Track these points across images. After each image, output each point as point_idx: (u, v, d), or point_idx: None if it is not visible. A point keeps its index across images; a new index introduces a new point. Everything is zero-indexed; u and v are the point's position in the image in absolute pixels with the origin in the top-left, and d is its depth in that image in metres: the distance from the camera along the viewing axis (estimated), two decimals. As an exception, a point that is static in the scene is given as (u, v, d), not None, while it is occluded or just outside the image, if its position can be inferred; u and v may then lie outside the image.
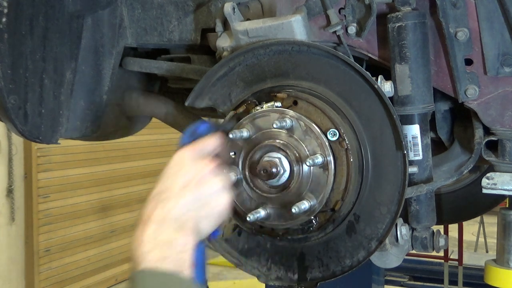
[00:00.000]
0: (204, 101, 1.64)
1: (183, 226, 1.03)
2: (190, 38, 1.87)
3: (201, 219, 1.06)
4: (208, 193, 1.08)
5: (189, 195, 1.06)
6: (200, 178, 1.08)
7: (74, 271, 6.48)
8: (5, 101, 1.63)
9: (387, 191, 1.44)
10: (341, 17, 1.60)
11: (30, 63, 1.69)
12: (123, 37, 1.95)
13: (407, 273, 5.95)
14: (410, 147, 1.52)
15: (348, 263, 1.49)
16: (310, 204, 1.41)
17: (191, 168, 1.10)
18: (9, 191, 5.86)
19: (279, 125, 1.42)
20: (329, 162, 1.41)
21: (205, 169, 1.10)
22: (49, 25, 1.73)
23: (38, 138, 1.77)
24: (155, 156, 7.72)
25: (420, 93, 1.51)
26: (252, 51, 1.54)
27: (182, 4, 1.87)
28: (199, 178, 1.08)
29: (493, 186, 1.54)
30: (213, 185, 1.09)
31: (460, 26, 1.48)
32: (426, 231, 1.59)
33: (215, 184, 1.09)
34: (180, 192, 1.06)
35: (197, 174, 1.09)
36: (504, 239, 1.90)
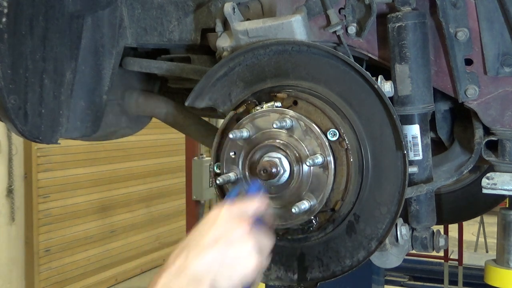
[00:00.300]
0: (204, 101, 1.64)
1: (199, 280, 1.02)
2: (190, 38, 1.87)
3: (221, 279, 1.03)
4: (235, 254, 1.05)
5: (214, 252, 1.04)
6: (231, 237, 1.06)
7: (74, 271, 6.48)
8: (5, 101, 1.63)
9: (387, 191, 1.44)
10: (341, 17, 1.60)
11: (30, 63, 1.69)
12: (123, 37, 1.95)
13: (407, 273, 5.95)
14: (410, 147, 1.52)
15: (348, 263, 1.49)
16: (310, 204, 1.41)
17: (224, 225, 1.08)
18: (9, 191, 5.86)
19: (279, 125, 1.42)
20: (329, 162, 1.41)
21: (239, 229, 1.07)
22: (49, 25, 1.73)
23: (38, 138, 1.77)
24: (155, 156, 7.72)
25: (420, 93, 1.51)
26: (252, 51, 1.54)
27: (182, 4, 1.87)
28: (230, 237, 1.06)
29: (493, 186, 1.54)
30: (242, 247, 1.06)
31: (460, 26, 1.48)
32: (426, 231, 1.59)
33: (245, 246, 1.06)
34: (207, 247, 1.04)
35: (229, 233, 1.06)
36: (504, 239, 1.90)
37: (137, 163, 7.42)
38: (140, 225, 7.53)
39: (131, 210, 7.30)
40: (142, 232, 7.67)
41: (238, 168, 1.50)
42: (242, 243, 1.05)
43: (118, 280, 7.18)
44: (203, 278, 1.01)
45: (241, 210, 1.12)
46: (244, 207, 1.14)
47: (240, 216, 1.10)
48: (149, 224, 7.82)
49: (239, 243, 1.05)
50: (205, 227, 1.09)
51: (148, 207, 7.74)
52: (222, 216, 1.09)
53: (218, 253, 1.04)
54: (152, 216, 7.86)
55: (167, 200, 8.14)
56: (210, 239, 1.05)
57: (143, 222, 7.60)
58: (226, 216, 1.09)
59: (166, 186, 7.99)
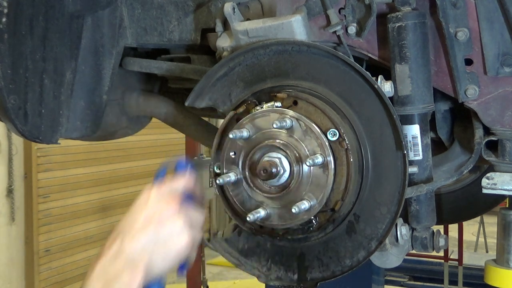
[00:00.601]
0: (204, 101, 1.64)
1: (135, 263, 1.05)
2: (190, 38, 1.87)
3: (156, 258, 1.07)
4: (167, 233, 1.08)
5: (147, 234, 1.07)
6: (161, 217, 1.09)
7: (74, 271, 6.48)
8: (5, 101, 1.63)
9: (387, 191, 1.44)
10: (341, 17, 1.60)
11: (30, 63, 1.69)
12: (123, 37, 1.95)
13: (407, 273, 5.96)
14: (410, 147, 1.52)
15: (348, 263, 1.49)
16: (310, 204, 1.41)
17: (155, 206, 1.11)
18: (9, 191, 5.87)
19: (279, 125, 1.42)
20: (329, 162, 1.41)
21: (168, 208, 1.11)
22: (49, 25, 1.73)
23: (38, 138, 1.77)
24: (155, 156, 7.72)
25: (420, 93, 1.51)
26: (252, 51, 1.54)
27: (182, 4, 1.87)
28: (160, 217, 1.09)
29: (493, 186, 1.54)
30: (173, 225, 1.09)
31: (460, 26, 1.48)
32: (426, 231, 1.59)
33: (175, 224, 1.09)
34: (139, 229, 1.08)
35: (160, 212, 1.10)
36: (504, 239, 1.90)
37: (137, 163, 7.42)
38: (140, 225, 7.52)
39: (131, 210, 7.30)
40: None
41: (238, 168, 1.50)
42: (173, 222, 1.09)
43: (118, 280, 7.18)
44: (139, 260, 1.05)
45: (170, 189, 1.16)
46: (172, 185, 1.18)
47: (169, 195, 1.13)
48: (149, 224, 7.80)
49: (170, 221, 1.09)
50: (137, 209, 1.12)
51: (148, 207, 7.72)
52: (152, 197, 1.13)
53: (151, 234, 1.07)
54: (152, 216, 7.84)
55: (167, 200, 8.12)
56: (142, 221, 1.09)
57: (143, 222, 7.59)
58: (155, 196, 1.13)
59: (166, 186, 7.98)
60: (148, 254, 1.06)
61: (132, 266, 1.04)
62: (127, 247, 1.06)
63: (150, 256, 1.06)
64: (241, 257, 1.63)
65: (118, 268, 1.04)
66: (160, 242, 1.08)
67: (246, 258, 1.62)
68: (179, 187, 1.18)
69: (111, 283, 1.03)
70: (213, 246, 1.66)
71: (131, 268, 1.04)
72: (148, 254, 1.06)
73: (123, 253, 1.06)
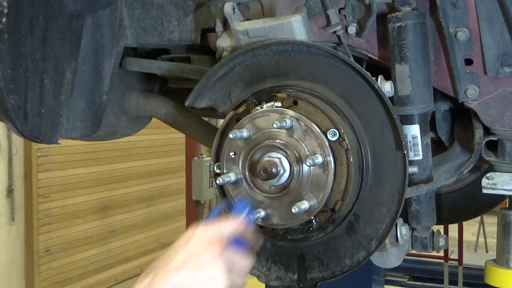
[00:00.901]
0: (204, 101, 1.64)
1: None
2: (190, 38, 1.87)
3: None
4: (204, 276, 1.04)
5: (181, 275, 1.03)
6: (199, 260, 1.05)
7: (74, 271, 6.48)
8: (5, 101, 1.63)
9: (387, 191, 1.44)
10: (341, 17, 1.60)
11: (30, 63, 1.69)
12: (123, 37, 1.95)
13: (407, 273, 5.96)
14: (410, 147, 1.52)
15: (348, 263, 1.49)
16: (310, 204, 1.41)
17: (195, 247, 1.07)
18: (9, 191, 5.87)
19: (279, 125, 1.42)
20: (329, 162, 1.41)
21: (209, 251, 1.06)
22: (49, 25, 1.73)
23: (38, 138, 1.77)
24: (155, 156, 7.72)
25: (420, 93, 1.51)
26: (252, 51, 1.54)
27: (182, 4, 1.87)
28: (198, 259, 1.05)
29: (493, 186, 1.54)
30: (211, 269, 1.04)
31: (460, 26, 1.48)
32: (426, 231, 1.59)
33: (214, 269, 1.04)
34: (174, 269, 1.04)
35: (199, 255, 1.05)
36: (504, 239, 1.90)
37: (137, 163, 7.42)
38: (140, 225, 7.53)
39: (131, 210, 7.31)
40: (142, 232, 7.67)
41: (238, 168, 1.50)
42: (211, 267, 1.04)
43: (118, 280, 7.18)
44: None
45: (216, 231, 1.11)
46: (219, 228, 1.12)
47: (214, 238, 1.08)
48: (149, 224, 7.82)
49: (207, 266, 1.04)
50: (176, 247, 1.08)
51: (148, 207, 7.74)
52: (195, 237, 1.08)
53: (185, 276, 1.03)
54: (152, 216, 7.86)
55: (167, 200, 8.14)
56: (179, 261, 1.05)
57: (143, 222, 7.60)
58: (199, 237, 1.08)
59: (166, 186, 7.99)
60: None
61: None
62: (156, 285, 1.02)
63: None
64: (241, 257, 1.63)
65: None
66: (193, 285, 1.03)
67: (246, 258, 1.62)
68: (227, 230, 1.13)
69: None
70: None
71: None
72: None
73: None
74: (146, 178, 7.58)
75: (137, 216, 7.48)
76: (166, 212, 8.18)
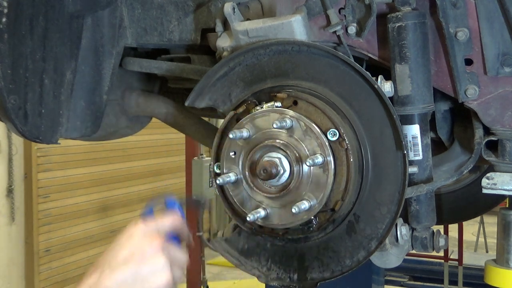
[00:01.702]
0: (204, 101, 1.64)
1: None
2: (190, 38, 1.87)
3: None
4: (147, 271, 1.07)
5: (126, 270, 1.06)
6: (143, 255, 1.08)
7: (74, 271, 6.48)
8: (5, 101, 1.63)
9: (387, 191, 1.44)
10: (341, 17, 1.60)
11: (30, 63, 1.69)
12: (123, 37, 1.95)
13: (407, 273, 5.96)
14: (410, 147, 1.52)
15: (348, 263, 1.49)
16: (310, 204, 1.41)
17: (137, 242, 1.10)
18: (9, 191, 5.87)
19: (279, 125, 1.42)
20: (329, 162, 1.41)
21: (151, 246, 1.10)
22: (49, 25, 1.73)
23: (38, 138, 1.78)
24: (155, 156, 7.72)
25: (420, 93, 1.51)
26: (252, 51, 1.54)
27: (182, 4, 1.87)
28: (142, 254, 1.08)
29: (493, 186, 1.54)
30: (154, 263, 1.08)
31: (460, 26, 1.48)
32: (426, 231, 1.59)
33: (157, 262, 1.08)
34: (119, 265, 1.07)
35: (142, 249, 1.09)
36: (504, 239, 1.90)
37: (137, 163, 7.42)
38: (140, 225, 7.52)
39: (131, 210, 7.30)
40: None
41: (238, 168, 1.50)
42: (154, 260, 1.08)
43: (118, 280, 7.18)
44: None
45: (156, 227, 1.15)
46: (158, 223, 1.17)
47: (154, 233, 1.13)
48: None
49: (151, 259, 1.08)
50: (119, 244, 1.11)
51: (148, 207, 7.72)
52: (136, 233, 1.12)
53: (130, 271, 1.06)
54: (152, 216, 7.84)
55: (167, 200, 8.12)
56: (123, 257, 1.08)
57: (143, 222, 7.59)
58: (139, 233, 1.12)
59: (166, 186, 7.99)
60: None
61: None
62: (104, 281, 1.05)
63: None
64: (241, 257, 1.63)
65: None
66: (139, 279, 1.06)
67: (246, 258, 1.62)
68: (166, 226, 1.17)
69: None
70: (213, 246, 1.65)
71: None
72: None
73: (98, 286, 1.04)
74: (146, 178, 7.58)
75: (137, 216, 7.46)
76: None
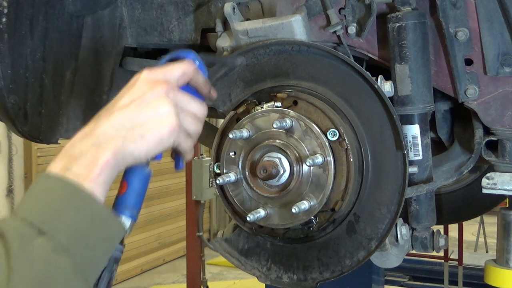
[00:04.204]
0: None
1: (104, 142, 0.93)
2: (190, 38, 1.87)
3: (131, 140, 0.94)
4: (150, 115, 0.96)
5: (124, 113, 0.96)
6: (145, 99, 0.97)
7: (74, 271, 6.46)
8: (5, 101, 1.63)
9: (387, 191, 1.44)
10: (341, 17, 1.60)
11: (30, 63, 1.69)
12: (123, 37, 1.95)
13: (407, 273, 5.96)
14: (410, 147, 1.52)
15: (348, 263, 1.49)
16: (310, 204, 1.41)
17: (141, 87, 0.99)
18: (9, 191, 5.87)
19: (279, 125, 1.42)
20: (329, 162, 1.41)
21: (156, 90, 0.98)
22: (49, 25, 1.73)
23: (38, 138, 1.78)
24: (155, 156, 7.70)
25: (420, 93, 1.51)
26: (252, 51, 1.55)
27: (182, 4, 1.87)
28: (145, 98, 0.97)
29: (493, 186, 1.54)
30: (158, 107, 0.97)
31: (460, 26, 1.48)
32: (426, 231, 1.59)
33: (161, 106, 0.97)
34: (117, 109, 0.97)
35: (145, 94, 0.97)
36: (504, 239, 1.90)
37: (137, 163, 7.40)
38: (140, 225, 7.53)
39: (131, 210, 7.29)
40: (142, 232, 7.66)
41: (238, 168, 1.50)
42: (157, 103, 0.97)
43: (118, 280, 7.18)
44: (109, 139, 0.93)
45: (164, 74, 1.03)
46: (166, 70, 1.04)
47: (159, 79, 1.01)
48: (149, 224, 7.82)
49: (154, 103, 0.97)
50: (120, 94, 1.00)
51: (148, 207, 7.74)
52: (140, 80, 1.00)
53: (129, 114, 0.96)
54: (152, 216, 7.85)
55: (167, 200, 8.14)
56: (123, 102, 0.98)
57: (143, 222, 7.60)
58: (145, 78, 1.01)
59: (166, 186, 7.99)
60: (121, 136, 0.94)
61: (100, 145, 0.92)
62: (100, 127, 0.95)
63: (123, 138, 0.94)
64: (241, 257, 1.63)
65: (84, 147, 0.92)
66: (137, 124, 0.95)
67: (246, 258, 1.62)
68: (175, 73, 1.04)
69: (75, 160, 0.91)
70: (213, 246, 1.66)
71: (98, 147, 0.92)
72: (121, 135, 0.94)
73: (94, 133, 0.94)
74: (146, 178, 7.57)
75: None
76: (166, 212, 8.17)
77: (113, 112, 0.97)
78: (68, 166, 0.91)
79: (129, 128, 0.95)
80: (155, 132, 0.96)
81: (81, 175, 0.90)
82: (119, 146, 0.94)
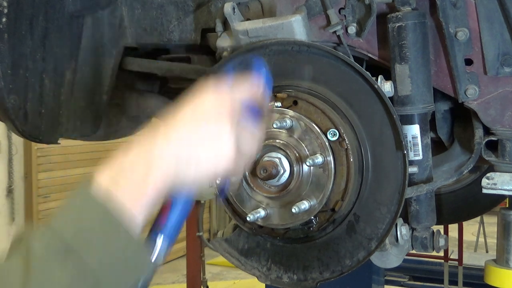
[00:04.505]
0: (204, 101, 1.63)
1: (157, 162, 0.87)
2: (190, 38, 1.87)
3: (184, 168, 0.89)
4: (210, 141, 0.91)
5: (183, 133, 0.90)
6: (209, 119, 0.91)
7: (74, 271, 6.47)
8: (5, 101, 1.63)
9: (387, 191, 1.44)
10: (341, 17, 1.60)
11: (30, 63, 1.69)
12: (123, 37, 1.95)
13: (407, 273, 5.95)
14: (410, 147, 1.52)
15: (348, 263, 1.49)
16: (310, 204, 1.41)
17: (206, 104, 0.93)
18: (9, 191, 5.87)
19: (279, 125, 1.42)
20: (329, 162, 1.41)
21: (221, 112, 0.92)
22: (49, 25, 1.73)
23: (38, 138, 1.78)
24: (155, 156, 7.70)
25: (420, 93, 1.51)
26: (252, 51, 1.55)
27: (182, 4, 1.87)
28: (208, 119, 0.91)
29: (493, 186, 1.54)
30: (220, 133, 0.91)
31: (460, 26, 1.48)
32: (426, 231, 1.59)
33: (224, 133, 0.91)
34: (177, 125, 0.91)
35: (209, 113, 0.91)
36: (504, 239, 1.90)
37: (137, 163, 7.41)
38: (140, 225, 7.52)
39: (131, 210, 7.30)
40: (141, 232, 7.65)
41: (238, 168, 1.49)
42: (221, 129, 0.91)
43: (118, 280, 7.18)
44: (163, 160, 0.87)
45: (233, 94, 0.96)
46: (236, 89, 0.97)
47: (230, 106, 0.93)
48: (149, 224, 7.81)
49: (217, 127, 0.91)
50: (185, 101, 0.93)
51: (148, 207, 7.72)
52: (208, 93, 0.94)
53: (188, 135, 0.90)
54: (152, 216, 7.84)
55: (167, 200, 8.12)
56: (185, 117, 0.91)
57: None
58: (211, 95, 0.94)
59: (166, 186, 7.97)
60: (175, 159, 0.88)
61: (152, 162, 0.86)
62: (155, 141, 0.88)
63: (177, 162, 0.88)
64: (241, 257, 1.63)
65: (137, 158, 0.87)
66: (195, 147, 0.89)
67: (246, 258, 1.62)
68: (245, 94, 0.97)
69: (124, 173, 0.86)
70: (213, 246, 1.65)
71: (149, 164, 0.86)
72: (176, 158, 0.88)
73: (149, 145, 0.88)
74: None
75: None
76: (166, 212, 8.15)
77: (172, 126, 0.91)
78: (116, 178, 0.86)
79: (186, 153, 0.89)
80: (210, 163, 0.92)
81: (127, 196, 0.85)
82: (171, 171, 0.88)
